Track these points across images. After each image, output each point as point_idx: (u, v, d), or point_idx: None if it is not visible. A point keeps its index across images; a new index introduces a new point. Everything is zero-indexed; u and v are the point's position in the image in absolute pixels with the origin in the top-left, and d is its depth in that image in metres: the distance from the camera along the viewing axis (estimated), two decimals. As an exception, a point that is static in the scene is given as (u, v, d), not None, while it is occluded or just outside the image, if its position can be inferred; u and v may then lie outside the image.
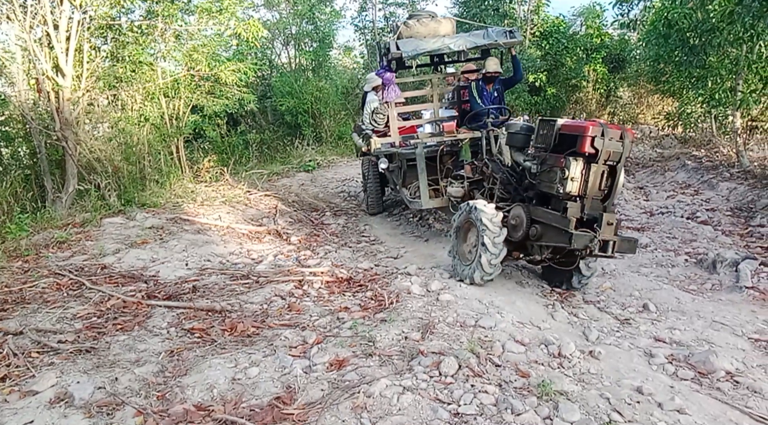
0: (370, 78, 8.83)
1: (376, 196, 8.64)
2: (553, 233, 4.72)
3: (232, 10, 9.60)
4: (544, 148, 4.85)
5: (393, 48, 6.67)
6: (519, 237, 5.03)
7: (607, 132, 4.40)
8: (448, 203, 6.60)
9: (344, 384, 3.37)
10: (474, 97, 7.20)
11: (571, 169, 4.47)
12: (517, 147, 5.40)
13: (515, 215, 5.10)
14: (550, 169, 4.70)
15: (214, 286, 5.15)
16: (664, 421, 3.05)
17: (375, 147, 7.36)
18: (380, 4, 16.32)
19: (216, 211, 7.81)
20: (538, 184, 4.93)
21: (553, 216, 4.70)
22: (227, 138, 12.93)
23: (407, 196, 7.22)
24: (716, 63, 9.01)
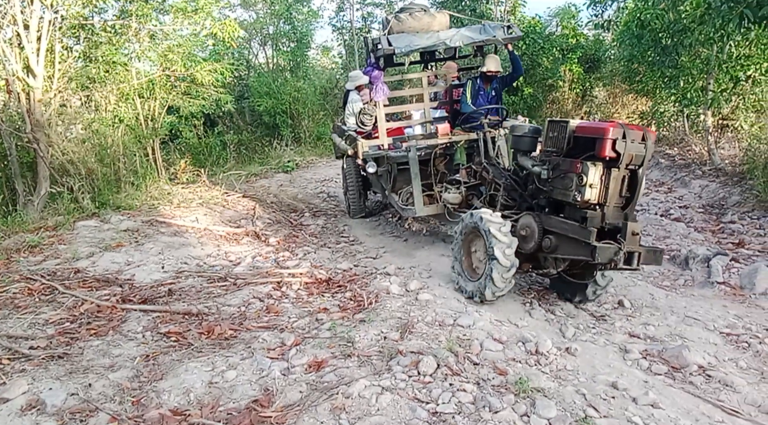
0: (352, 76, 8.34)
1: (358, 199, 8.27)
2: (570, 245, 4.34)
3: (208, 10, 9.49)
4: (556, 152, 4.48)
5: (384, 44, 6.20)
6: (530, 249, 4.64)
7: (629, 133, 4.04)
8: (444, 210, 6.18)
9: (323, 386, 3.37)
10: (465, 97, 6.80)
11: (589, 175, 4.10)
12: (523, 150, 5.03)
13: (525, 225, 4.72)
14: (564, 175, 4.32)
15: (191, 289, 5.09)
16: (638, 415, 3.10)
17: (362, 150, 6.84)
18: (358, 4, 16.36)
19: (193, 212, 7.71)
20: (550, 191, 4.54)
21: (570, 227, 4.32)
22: (204, 139, 12.80)
23: (398, 203, 6.73)
24: (688, 63, 9.18)
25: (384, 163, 6.86)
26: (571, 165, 4.27)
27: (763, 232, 6.66)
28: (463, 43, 6.42)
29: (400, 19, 6.69)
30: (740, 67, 8.64)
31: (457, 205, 6.01)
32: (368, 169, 6.92)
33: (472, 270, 4.98)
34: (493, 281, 4.52)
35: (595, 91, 15.18)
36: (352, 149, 7.11)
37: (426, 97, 7.11)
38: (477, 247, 4.95)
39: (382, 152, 6.85)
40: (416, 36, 6.41)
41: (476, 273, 4.86)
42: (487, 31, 6.44)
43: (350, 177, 8.18)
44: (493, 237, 4.53)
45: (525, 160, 4.98)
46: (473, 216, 4.86)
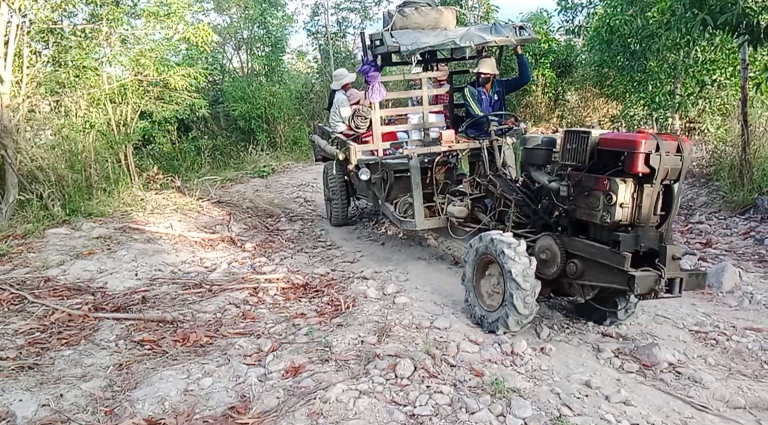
0: (338, 74, 7.87)
1: (341, 206, 7.79)
2: (600, 271, 3.87)
3: (181, 14, 9.41)
4: (577, 167, 4.03)
5: (388, 40, 5.64)
6: (552, 275, 4.18)
7: (663, 145, 3.59)
8: (447, 224, 5.67)
9: (300, 391, 3.36)
10: (469, 103, 6.23)
11: (619, 194, 3.66)
12: (538, 164, 4.56)
13: (545, 247, 4.24)
14: (589, 193, 3.87)
15: (166, 296, 5.03)
16: (611, 413, 3.16)
17: (355, 156, 6.32)
18: (332, 8, 16.34)
19: (167, 219, 7.62)
20: (572, 210, 4.07)
21: (599, 251, 3.85)
22: (178, 144, 12.66)
23: (395, 214, 6.18)
24: (656, 67, 9.42)
25: (378, 170, 6.32)
26: (597, 182, 3.81)
27: (730, 232, 6.86)
28: (474, 44, 5.82)
29: (404, 13, 6.10)
30: (706, 71, 8.91)
31: (463, 219, 5.51)
32: (361, 176, 6.32)
33: (488, 299, 4.42)
34: (515, 309, 3.99)
35: (568, 95, 15.47)
36: (343, 154, 6.58)
37: (425, 99, 6.51)
38: (491, 274, 4.39)
39: (376, 158, 6.38)
40: (422, 33, 5.86)
41: (494, 302, 4.34)
42: (498, 32, 5.91)
43: (334, 183, 7.69)
44: (508, 259, 4.03)
45: (539, 175, 4.49)
46: (483, 240, 4.33)
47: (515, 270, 3.99)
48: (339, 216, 7.89)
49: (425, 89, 6.50)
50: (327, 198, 8.22)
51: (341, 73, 7.79)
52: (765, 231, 6.68)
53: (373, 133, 6.58)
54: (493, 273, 4.37)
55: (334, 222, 8.00)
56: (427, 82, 6.61)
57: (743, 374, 3.87)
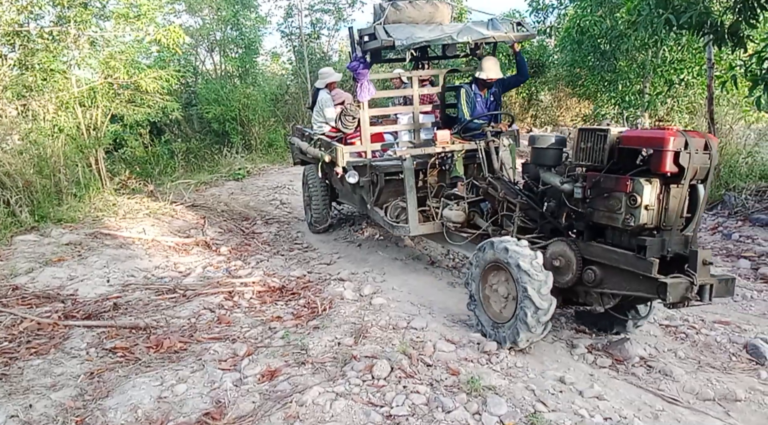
0: (324, 73, 7.53)
1: (323, 211, 7.43)
2: (623, 279, 3.66)
3: (151, 16, 9.28)
4: (593, 167, 3.79)
5: (381, 34, 5.31)
6: (566, 283, 3.94)
7: (691, 142, 3.39)
8: (443, 229, 5.40)
9: (276, 395, 3.34)
10: (460, 105, 5.92)
11: (644, 195, 3.44)
12: (548, 165, 4.29)
13: (558, 253, 4.00)
14: (609, 195, 3.64)
15: (138, 302, 4.95)
16: (584, 408, 3.21)
17: (343, 158, 5.98)
18: (306, 10, 16.26)
19: (140, 223, 7.50)
20: (589, 214, 3.83)
21: (621, 257, 3.63)
22: (151, 148, 12.48)
23: (385, 219, 5.89)
24: (625, 67, 9.61)
25: (367, 172, 6.02)
26: (618, 183, 3.59)
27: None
28: (472, 39, 5.53)
29: (397, 7, 5.75)
30: (674, 70, 9.11)
31: (460, 223, 5.25)
32: (348, 179, 6.01)
33: (494, 310, 4.11)
34: (527, 327, 3.72)
35: (541, 95, 15.67)
36: (329, 156, 6.27)
37: (416, 99, 6.23)
38: (499, 283, 4.08)
39: (364, 160, 6.08)
40: (416, 28, 5.54)
41: (501, 314, 4.04)
42: (496, 27, 5.61)
43: (315, 186, 7.34)
44: (524, 274, 3.72)
45: (550, 176, 4.22)
46: (494, 247, 3.99)
47: (531, 288, 3.68)
48: (320, 222, 7.56)
49: (416, 88, 6.21)
50: (307, 203, 7.86)
51: (327, 72, 7.49)
52: (732, 227, 6.86)
53: (359, 134, 6.31)
54: (502, 283, 4.03)
55: (315, 229, 7.63)
56: (416, 81, 6.29)
57: (712, 366, 3.97)
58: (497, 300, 4.09)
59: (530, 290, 3.69)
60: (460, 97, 5.92)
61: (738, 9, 5.46)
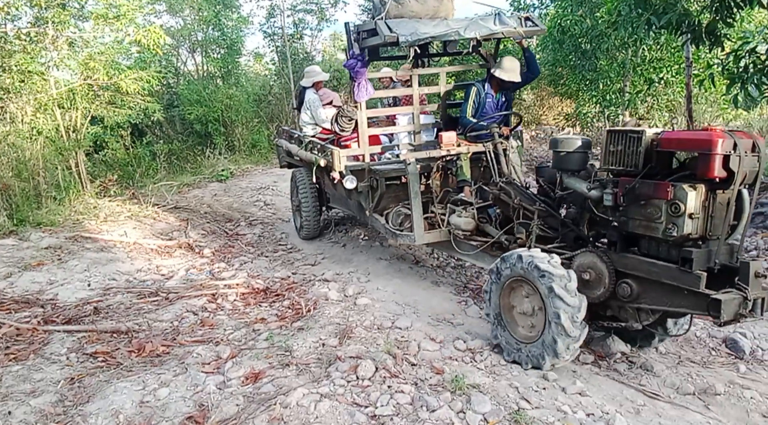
0: (309, 71, 7.26)
1: (313, 217, 7.10)
2: (664, 294, 3.41)
3: (131, 17, 9.16)
4: (627, 172, 3.50)
5: (383, 30, 4.97)
6: (597, 298, 3.66)
7: (740, 144, 3.13)
8: (450, 237, 5.11)
9: (260, 397, 3.32)
10: (465, 106, 5.59)
11: (687, 202, 3.17)
12: (572, 170, 3.99)
13: (587, 266, 3.71)
14: (646, 202, 3.38)
15: (120, 306, 4.90)
16: (567, 404, 3.24)
17: (340, 162, 5.62)
18: (288, 10, 16.17)
19: (121, 226, 7.42)
20: (623, 223, 3.56)
21: (663, 270, 3.36)
22: (132, 149, 12.32)
23: (387, 226, 5.57)
24: (606, 66, 9.70)
25: (365, 177, 5.70)
26: (657, 189, 3.32)
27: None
28: (480, 35, 5.21)
29: (399, 0, 5.42)
30: (653, 69, 9.23)
31: (469, 231, 4.95)
32: (346, 185, 5.67)
33: (516, 327, 3.83)
34: (564, 330, 3.44)
35: (524, 94, 15.73)
36: (325, 160, 5.95)
37: (416, 99, 5.92)
38: (522, 299, 3.79)
39: (362, 164, 5.77)
40: (420, 23, 5.21)
41: (524, 332, 3.77)
42: (503, 22, 5.31)
43: (305, 191, 7.00)
44: (557, 298, 3.44)
45: (574, 182, 3.93)
46: (523, 262, 3.66)
47: (565, 313, 3.42)
48: (311, 228, 7.21)
49: (416, 87, 5.90)
50: (296, 208, 7.51)
51: (314, 70, 7.23)
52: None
53: (355, 136, 6.00)
54: (526, 299, 3.76)
55: (305, 235, 7.31)
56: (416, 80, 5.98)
57: (692, 361, 4.03)
58: (520, 317, 3.81)
59: (563, 316, 3.41)
60: (469, 95, 5.58)
61: (715, 8, 5.54)
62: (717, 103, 9.28)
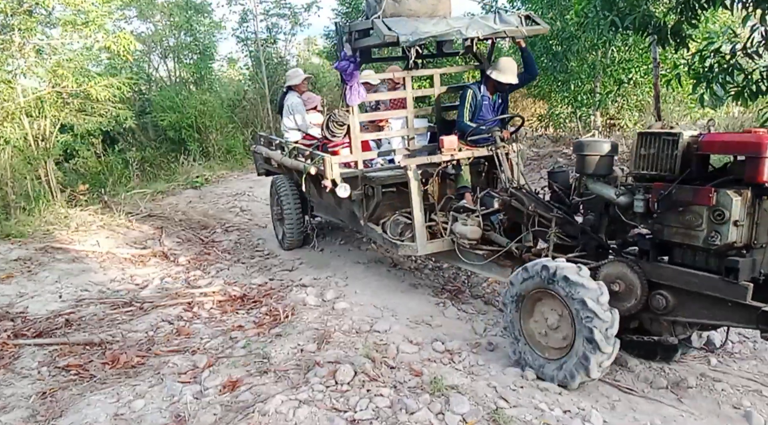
0: (291, 74, 7.00)
1: (297, 227, 6.76)
2: (703, 306, 3.24)
3: (100, 23, 9.05)
4: (661, 177, 3.32)
5: (382, 29, 4.69)
6: (627, 310, 3.47)
7: None
8: (454, 246, 4.80)
9: (238, 406, 3.29)
10: (462, 110, 5.32)
11: (732, 209, 2.99)
12: (598, 174, 3.76)
13: (615, 276, 3.52)
14: (685, 209, 3.19)
15: (93, 317, 4.81)
16: (544, 402, 3.28)
17: (331, 170, 5.33)
18: (262, 15, 16.10)
19: (93, 236, 7.29)
20: (657, 231, 3.38)
21: (703, 281, 3.18)
22: (104, 157, 12.15)
23: (385, 236, 5.26)
24: (577, 68, 9.85)
25: (359, 185, 5.42)
26: (697, 194, 3.13)
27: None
28: (482, 34, 4.95)
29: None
30: (622, 70, 9.41)
31: (476, 240, 4.68)
32: (339, 193, 5.39)
33: (538, 340, 3.65)
34: (587, 371, 3.29)
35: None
36: (315, 167, 5.63)
37: (410, 102, 5.67)
38: (547, 312, 3.59)
39: (356, 171, 5.49)
40: (419, 21, 4.95)
41: (555, 348, 3.56)
42: (504, 21, 5.07)
43: (287, 199, 6.67)
44: (589, 313, 3.24)
45: (601, 187, 3.72)
46: (549, 272, 3.44)
47: (598, 329, 3.22)
48: (294, 238, 6.86)
49: (409, 90, 5.65)
50: (277, 217, 7.15)
51: (294, 73, 6.95)
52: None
53: (344, 142, 5.74)
54: (550, 312, 3.55)
55: (288, 246, 6.95)
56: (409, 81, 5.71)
57: (665, 355, 4.09)
58: (543, 331, 3.62)
59: (596, 333, 3.22)
60: (465, 98, 5.31)
61: (680, 10, 5.69)
62: (684, 102, 9.50)
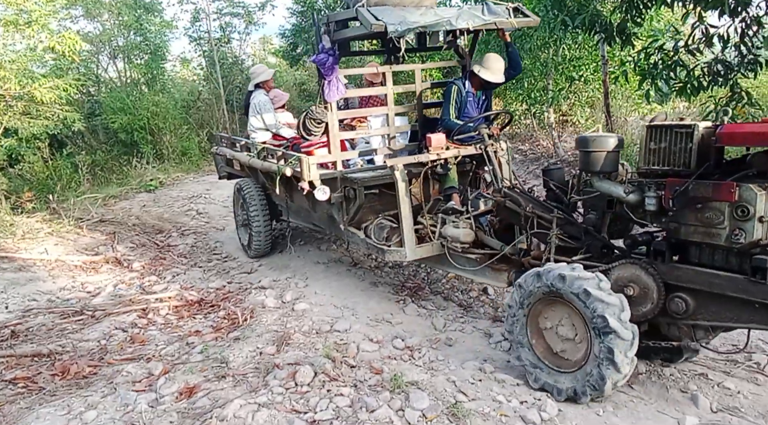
0: (255, 71, 6.64)
1: (265, 233, 6.42)
2: (726, 307, 3.08)
3: (43, 22, 8.70)
4: (675, 172, 3.14)
5: (368, 18, 4.39)
6: (643, 315, 3.30)
7: None
8: (445, 251, 4.54)
9: (195, 412, 3.23)
10: (448, 108, 5.08)
11: (757, 205, 2.83)
12: (604, 172, 3.55)
13: (628, 279, 3.35)
14: (704, 206, 3.02)
15: (41, 328, 4.64)
16: (502, 394, 3.34)
17: (309, 171, 5.02)
18: (214, 14, 15.77)
19: (41, 243, 7.02)
20: (673, 230, 3.20)
21: (727, 282, 3.01)
22: (52, 162, 11.67)
23: (369, 241, 4.95)
24: (530, 65, 10.03)
25: (338, 186, 5.13)
26: (718, 190, 2.95)
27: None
28: (472, 25, 4.69)
29: None
30: (573, 68, 9.63)
31: (468, 243, 4.44)
32: (318, 196, 5.06)
33: (554, 356, 3.45)
34: (615, 366, 3.06)
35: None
36: (291, 168, 5.30)
37: (390, 99, 5.41)
38: (556, 321, 3.42)
39: (334, 172, 5.19)
40: (405, 11, 4.66)
41: (565, 359, 3.40)
42: (493, 12, 4.81)
43: (255, 204, 6.33)
44: (597, 302, 3.09)
45: (607, 185, 3.53)
46: (566, 283, 3.23)
47: (611, 316, 3.05)
48: (261, 246, 6.51)
49: (390, 86, 5.39)
50: (242, 223, 6.80)
51: (259, 70, 6.59)
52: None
53: (319, 142, 5.47)
54: (562, 322, 3.39)
55: (256, 253, 6.62)
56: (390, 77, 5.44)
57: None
58: (553, 341, 3.44)
59: (612, 321, 3.04)
60: (450, 95, 5.09)
61: (624, 9, 5.87)
62: (632, 98, 9.80)
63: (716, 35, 5.33)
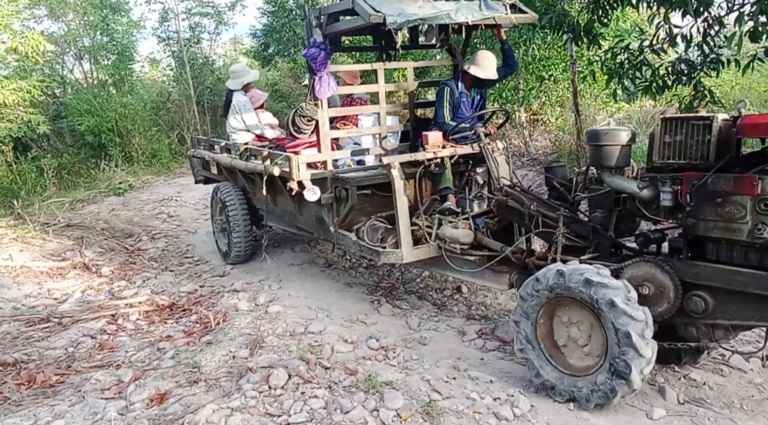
0: (237, 71, 6.45)
1: (245, 239, 6.19)
2: (748, 306, 2.99)
3: (6, 23, 8.49)
4: (693, 165, 3.04)
5: (366, 9, 4.20)
6: (660, 315, 3.19)
7: None
8: (442, 252, 4.38)
9: (166, 419, 3.18)
10: (442, 108, 4.96)
11: None
12: (618, 167, 3.43)
13: (643, 278, 3.24)
14: (724, 200, 2.91)
15: (6, 336, 4.51)
16: (476, 392, 3.36)
17: (298, 171, 4.84)
18: (183, 14, 15.53)
19: (5, 250, 6.82)
20: (691, 226, 3.08)
21: (750, 279, 2.91)
22: (16, 166, 11.35)
23: (362, 244, 4.77)
24: (500, 65, 10.15)
25: (329, 187, 4.94)
26: (738, 184, 2.85)
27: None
28: (471, 19, 4.52)
29: None
30: (543, 67, 9.76)
31: (468, 245, 4.31)
32: (308, 197, 4.87)
33: (561, 356, 3.38)
34: (629, 381, 2.97)
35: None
36: (279, 168, 5.08)
37: (382, 97, 5.23)
38: (569, 324, 3.33)
39: (324, 171, 4.99)
40: (404, 3, 4.48)
41: (581, 362, 3.30)
42: (491, 7, 4.66)
43: (234, 208, 6.11)
44: (621, 313, 2.96)
45: (619, 180, 3.41)
46: (566, 278, 3.16)
47: (634, 331, 2.93)
48: (242, 252, 6.28)
49: (381, 84, 5.24)
50: (221, 229, 6.57)
51: (240, 70, 6.42)
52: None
53: (307, 142, 5.33)
54: (573, 322, 3.30)
55: (235, 260, 6.39)
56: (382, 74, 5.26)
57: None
58: (568, 346, 3.35)
59: (633, 334, 2.92)
60: (443, 95, 4.96)
61: (591, 9, 5.97)
62: (600, 97, 9.98)
63: (680, 35, 5.46)
